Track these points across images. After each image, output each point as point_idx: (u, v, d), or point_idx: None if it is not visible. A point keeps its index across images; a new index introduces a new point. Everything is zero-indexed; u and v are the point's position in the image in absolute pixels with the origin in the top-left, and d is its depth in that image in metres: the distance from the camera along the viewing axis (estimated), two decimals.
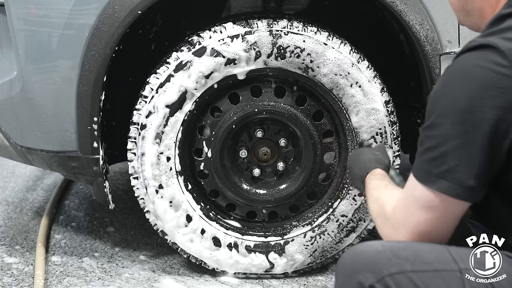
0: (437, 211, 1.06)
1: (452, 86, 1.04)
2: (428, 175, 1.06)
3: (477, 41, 1.04)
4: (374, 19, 2.06)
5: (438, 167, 1.04)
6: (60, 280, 1.91)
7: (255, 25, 1.73)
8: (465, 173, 1.02)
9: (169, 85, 1.75)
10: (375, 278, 1.03)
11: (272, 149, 1.90)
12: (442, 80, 1.08)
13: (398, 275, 1.02)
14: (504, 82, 0.99)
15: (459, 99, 1.02)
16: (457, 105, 1.02)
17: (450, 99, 1.03)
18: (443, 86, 1.06)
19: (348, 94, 1.78)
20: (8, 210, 2.54)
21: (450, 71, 1.07)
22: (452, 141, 1.02)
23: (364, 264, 1.05)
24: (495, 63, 1.00)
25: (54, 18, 1.69)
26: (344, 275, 1.08)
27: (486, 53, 1.02)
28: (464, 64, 1.05)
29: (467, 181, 1.02)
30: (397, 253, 1.05)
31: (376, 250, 1.07)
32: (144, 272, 1.97)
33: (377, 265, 1.04)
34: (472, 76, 1.02)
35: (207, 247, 1.88)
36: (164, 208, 1.83)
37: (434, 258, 1.04)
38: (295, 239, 1.90)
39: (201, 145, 1.86)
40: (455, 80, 1.04)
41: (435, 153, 1.05)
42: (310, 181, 1.90)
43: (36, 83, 1.75)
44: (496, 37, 1.03)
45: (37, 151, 1.85)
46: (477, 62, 1.02)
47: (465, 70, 1.03)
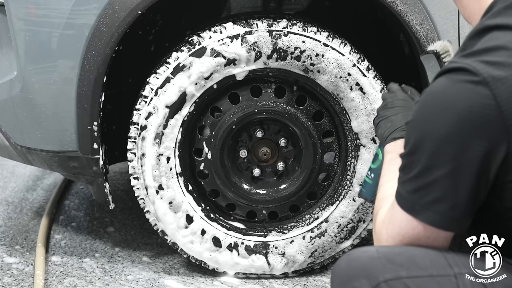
0: (418, 241, 1.05)
1: (432, 115, 0.99)
2: (413, 205, 1.03)
3: (455, 63, 0.99)
4: (374, 19, 2.06)
5: (422, 198, 1.01)
6: (60, 280, 1.91)
7: (255, 25, 1.73)
8: (450, 204, 1.00)
9: (169, 85, 1.75)
10: (370, 285, 1.01)
11: (272, 149, 1.90)
12: (421, 106, 1.03)
13: (393, 281, 1.01)
14: (487, 113, 0.94)
15: (440, 130, 0.98)
16: (439, 136, 0.98)
17: (431, 129, 0.99)
18: (422, 113, 1.02)
19: (348, 95, 1.78)
20: (8, 210, 2.54)
21: (429, 96, 1.02)
22: (436, 172, 0.99)
23: (359, 270, 1.04)
24: (477, 93, 0.94)
25: (54, 18, 1.69)
26: (339, 281, 1.07)
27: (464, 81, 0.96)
28: (442, 91, 0.99)
29: (452, 212, 1.00)
30: (392, 259, 1.03)
31: (371, 256, 1.05)
32: (144, 272, 1.97)
33: (372, 272, 1.02)
34: (452, 106, 0.96)
35: (208, 248, 1.88)
36: (164, 209, 1.83)
37: (429, 263, 1.02)
38: (295, 239, 1.90)
39: (201, 145, 1.86)
40: (434, 108, 0.99)
41: (418, 183, 1.02)
42: (310, 181, 1.90)
43: (36, 83, 1.75)
44: (476, 60, 0.97)
45: (37, 151, 1.85)
46: (455, 91, 0.97)
47: (445, 98, 0.98)
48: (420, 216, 1.02)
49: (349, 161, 1.87)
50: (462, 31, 1.73)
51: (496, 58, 0.96)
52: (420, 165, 1.01)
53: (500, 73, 0.94)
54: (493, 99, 0.94)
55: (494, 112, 0.94)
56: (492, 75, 0.94)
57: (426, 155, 1.00)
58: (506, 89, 0.93)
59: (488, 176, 0.98)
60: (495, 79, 0.94)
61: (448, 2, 1.73)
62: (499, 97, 0.93)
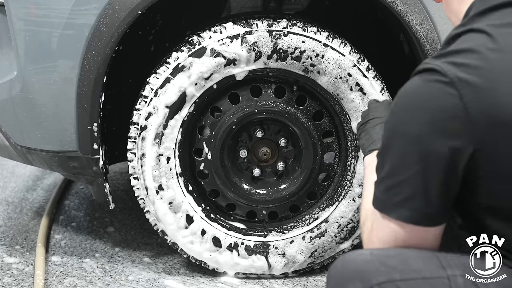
0: (408, 242, 1.06)
1: (403, 114, 1.03)
2: (386, 205, 1.06)
3: (427, 64, 1.03)
4: (374, 19, 2.06)
5: (394, 196, 1.04)
6: (60, 280, 1.91)
7: (255, 25, 1.73)
8: (422, 201, 1.02)
9: (169, 85, 1.75)
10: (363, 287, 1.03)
11: (272, 149, 1.90)
12: (394, 106, 1.07)
13: (387, 284, 1.02)
14: (454, 113, 0.97)
15: (409, 128, 1.02)
16: (409, 134, 1.01)
17: (401, 128, 1.03)
18: (394, 113, 1.06)
19: (348, 96, 1.78)
20: (8, 210, 2.54)
21: (401, 96, 1.06)
22: (406, 170, 1.02)
23: (354, 273, 1.05)
24: (446, 93, 0.98)
25: (54, 18, 1.69)
26: (335, 283, 1.09)
27: (434, 80, 1.00)
28: (413, 90, 1.03)
29: (424, 209, 1.03)
30: (386, 262, 1.05)
31: (365, 259, 1.07)
32: (144, 272, 1.98)
33: (366, 274, 1.04)
34: (423, 105, 1.00)
35: (208, 248, 1.88)
36: (164, 209, 1.83)
37: (422, 266, 1.03)
38: (295, 239, 1.90)
39: (201, 145, 1.86)
40: (405, 107, 1.04)
41: (390, 182, 1.05)
42: (310, 181, 1.90)
43: (36, 83, 1.75)
44: (445, 61, 1.01)
45: (37, 151, 1.85)
46: (426, 90, 1.01)
47: (415, 97, 1.02)
48: (394, 214, 1.05)
49: (349, 161, 1.87)
50: None
51: (463, 60, 1.00)
52: (391, 164, 1.05)
53: (466, 75, 0.98)
54: (460, 99, 0.97)
55: (461, 112, 0.97)
56: (458, 76, 0.98)
57: (396, 153, 1.04)
58: (471, 90, 0.97)
59: (457, 173, 1.01)
60: (462, 80, 0.98)
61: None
62: (465, 97, 0.97)
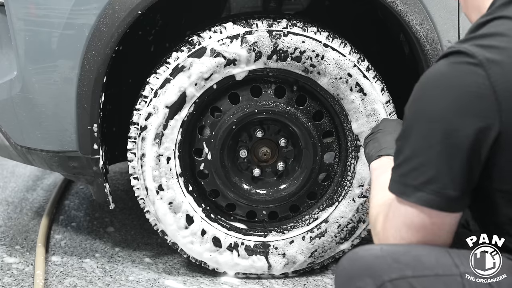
0: (425, 229, 1.04)
1: (428, 95, 1.02)
2: (405, 188, 1.03)
3: (453, 48, 1.03)
4: (374, 19, 2.06)
5: (414, 179, 1.01)
6: (60, 280, 1.91)
7: (255, 26, 1.73)
8: (445, 183, 1.00)
9: (169, 85, 1.74)
10: (374, 284, 1.00)
11: (272, 149, 1.90)
12: (418, 87, 1.06)
13: (399, 281, 1.00)
14: (481, 92, 0.97)
15: (434, 108, 1.00)
16: (434, 114, 1.00)
17: (425, 108, 1.02)
18: (418, 94, 1.05)
19: (348, 96, 1.78)
20: (8, 210, 2.54)
21: (426, 78, 1.05)
22: (429, 151, 1.00)
23: (363, 270, 1.03)
24: (473, 73, 0.98)
25: (54, 18, 1.69)
26: (343, 281, 1.06)
27: (461, 62, 1.00)
28: (440, 72, 1.03)
29: (447, 191, 1.00)
30: (397, 258, 1.02)
31: (375, 255, 1.04)
32: (144, 272, 1.97)
33: (377, 271, 1.01)
34: (448, 85, 1.00)
35: (208, 248, 1.88)
36: (165, 209, 1.83)
37: (435, 263, 1.01)
38: (294, 239, 1.90)
39: (201, 145, 1.86)
40: (430, 88, 1.02)
41: (411, 165, 1.02)
42: (310, 181, 1.90)
43: (36, 83, 1.75)
44: (472, 44, 1.01)
45: (37, 151, 1.85)
46: (452, 71, 1.00)
47: (441, 78, 1.01)
48: (413, 197, 1.02)
49: (349, 161, 1.87)
50: (462, 31, 1.73)
51: (491, 42, 1.00)
52: (412, 146, 1.02)
53: (495, 56, 0.98)
54: (487, 79, 0.97)
55: (488, 91, 0.97)
56: (487, 57, 0.98)
57: (419, 135, 1.02)
58: (499, 70, 0.98)
59: (480, 155, 1.00)
60: (489, 60, 0.98)
61: (448, 2, 1.73)
62: (493, 77, 0.97)
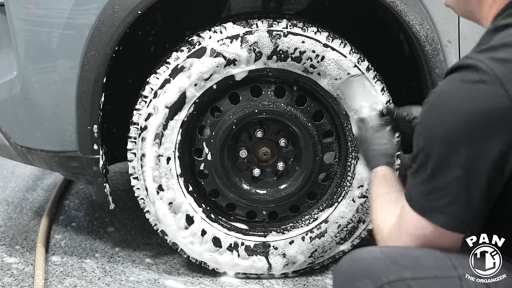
0: (431, 243, 1.04)
1: (442, 115, 0.98)
2: (424, 208, 1.03)
3: (470, 59, 0.98)
4: (374, 19, 2.06)
5: (434, 201, 1.01)
6: (60, 280, 1.91)
7: (255, 26, 1.73)
8: (463, 206, 0.99)
9: (169, 86, 1.74)
10: (373, 286, 1.01)
11: (272, 149, 1.90)
12: (431, 107, 1.02)
13: (397, 283, 1.00)
14: (502, 114, 0.93)
15: (451, 131, 0.97)
16: (453, 137, 0.97)
17: (441, 130, 0.98)
18: (432, 114, 1.01)
19: None
20: (8, 210, 2.54)
21: (440, 97, 1.01)
22: (448, 174, 0.98)
23: (363, 271, 1.03)
24: (490, 93, 0.94)
25: (54, 18, 1.69)
26: (342, 282, 1.06)
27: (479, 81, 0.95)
28: (453, 90, 0.99)
29: (466, 214, 1.00)
30: (396, 260, 1.03)
31: (375, 257, 1.05)
32: (144, 272, 1.97)
33: (376, 272, 1.02)
34: (465, 106, 0.96)
35: (208, 248, 1.88)
36: (165, 210, 1.83)
37: (434, 265, 1.02)
38: (294, 239, 1.90)
39: (201, 146, 1.86)
40: (448, 107, 0.98)
41: (430, 186, 1.01)
42: (310, 181, 1.90)
43: (36, 83, 1.75)
44: (489, 57, 0.96)
45: (37, 151, 1.84)
46: (468, 90, 0.96)
47: (456, 98, 0.97)
48: (433, 219, 1.02)
49: (349, 161, 1.87)
50: (462, 31, 1.73)
51: (508, 55, 0.95)
52: (432, 167, 1.00)
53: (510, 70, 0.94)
54: (507, 97, 0.93)
55: (508, 111, 0.93)
56: (505, 73, 0.94)
57: (437, 157, 0.99)
58: None
59: (502, 176, 0.98)
60: (508, 78, 0.93)
61: None
62: None
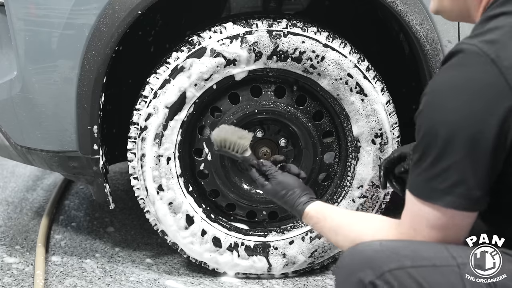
0: (448, 229, 1.06)
1: (442, 101, 1.03)
2: (433, 193, 1.05)
3: (462, 44, 1.04)
4: (374, 19, 2.06)
5: (442, 183, 1.03)
6: (60, 280, 1.91)
7: (255, 26, 1.73)
8: (471, 185, 1.02)
9: (169, 86, 1.74)
10: (374, 275, 1.04)
11: (272, 149, 1.89)
12: (430, 95, 1.06)
13: (398, 271, 1.03)
14: (494, 86, 0.99)
15: (452, 114, 1.01)
16: (452, 120, 1.01)
17: (442, 115, 1.02)
18: (431, 102, 1.05)
19: (348, 96, 1.78)
20: (8, 210, 2.54)
21: (436, 85, 1.05)
22: (454, 155, 1.01)
23: (364, 262, 1.06)
24: (484, 71, 0.99)
25: (54, 18, 1.69)
26: (344, 274, 1.09)
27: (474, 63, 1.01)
28: (450, 75, 1.04)
29: (473, 193, 1.02)
30: (396, 251, 1.06)
31: (375, 249, 1.08)
32: (144, 272, 1.98)
33: (377, 262, 1.05)
34: (461, 88, 1.01)
35: (208, 248, 1.88)
36: (165, 210, 1.83)
37: (433, 255, 1.05)
38: (294, 239, 1.90)
39: (201, 146, 1.86)
40: (446, 92, 1.03)
41: (435, 170, 1.04)
42: (310, 181, 1.89)
43: (36, 83, 1.75)
44: (480, 40, 1.02)
45: (37, 151, 1.85)
46: (464, 72, 1.01)
47: (453, 81, 1.02)
48: (441, 201, 1.04)
49: (349, 161, 1.87)
50: (462, 31, 1.73)
51: (496, 36, 1.01)
52: (436, 152, 1.03)
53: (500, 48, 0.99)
54: (500, 74, 0.98)
55: (502, 87, 0.98)
56: (495, 53, 0.99)
57: (441, 141, 1.02)
58: (508, 61, 0.98)
59: (505, 146, 1.01)
60: (499, 56, 0.99)
61: None
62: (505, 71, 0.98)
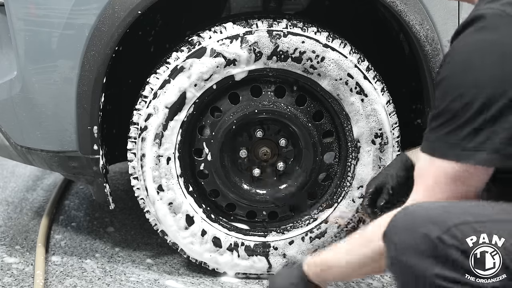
0: (470, 185, 1.09)
1: (475, 62, 1.06)
2: (463, 151, 1.07)
3: (477, 12, 1.07)
4: (374, 19, 2.06)
5: (473, 141, 1.06)
6: (60, 280, 1.91)
7: (255, 26, 1.73)
8: (502, 141, 1.04)
9: (169, 86, 1.74)
10: (440, 230, 1.03)
11: (272, 149, 1.89)
12: (458, 57, 1.09)
13: (463, 226, 1.03)
14: None
15: (483, 74, 1.04)
16: (485, 79, 1.04)
17: (476, 75, 1.05)
18: (463, 63, 1.07)
19: (348, 96, 1.78)
20: (8, 210, 2.54)
21: (465, 47, 1.08)
22: (484, 114, 1.04)
23: (424, 219, 1.05)
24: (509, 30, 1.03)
25: (54, 18, 1.70)
26: (404, 229, 1.07)
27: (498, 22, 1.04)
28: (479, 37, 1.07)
29: (506, 149, 1.05)
30: (449, 209, 1.06)
31: (428, 207, 1.08)
32: (144, 272, 1.97)
33: (438, 218, 1.04)
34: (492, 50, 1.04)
35: (208, 248, 1.88)
36: (165, 210, 1.83)
37: (483, 212, 1.06)
38: (294, 239, 1.90)
39: (201, 146, 1.86)
40: (474, 55, 1.06)
41: (468, 129, 1.06)
42: (310, 181, 1.90)
43: (36, 83, 1.75)
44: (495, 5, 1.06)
45: (37, 151, 1.85)
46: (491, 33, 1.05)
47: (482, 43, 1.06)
48: (474, 160, 1.06)
49: (349, 161, 1.87)
50: None
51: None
52: (470, 113, 1.05)
53: None
54: None
55: None
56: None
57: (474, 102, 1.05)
58: None
59: None
60: None
61: (448, 2, 1.73)
62: None
